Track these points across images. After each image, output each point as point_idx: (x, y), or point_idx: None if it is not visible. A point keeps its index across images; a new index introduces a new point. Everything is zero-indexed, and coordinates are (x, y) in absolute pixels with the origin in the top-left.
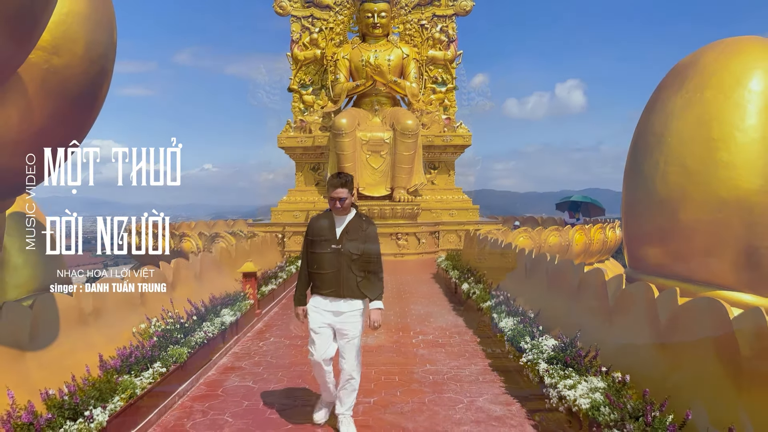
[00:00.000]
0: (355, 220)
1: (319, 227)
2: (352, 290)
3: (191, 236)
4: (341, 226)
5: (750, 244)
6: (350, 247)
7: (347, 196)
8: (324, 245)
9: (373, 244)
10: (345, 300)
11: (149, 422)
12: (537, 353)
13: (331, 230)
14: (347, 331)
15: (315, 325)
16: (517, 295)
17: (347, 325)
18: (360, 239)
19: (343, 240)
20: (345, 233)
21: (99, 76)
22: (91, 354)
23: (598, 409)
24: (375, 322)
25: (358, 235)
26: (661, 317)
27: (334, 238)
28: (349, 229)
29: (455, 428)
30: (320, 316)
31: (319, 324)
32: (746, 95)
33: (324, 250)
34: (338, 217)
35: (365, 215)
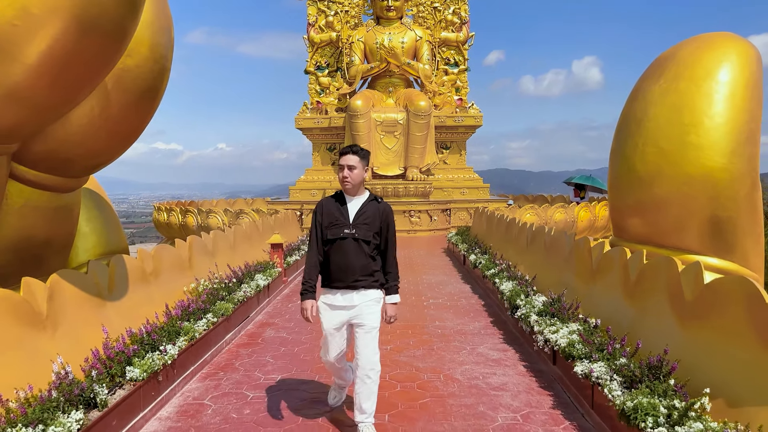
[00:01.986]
0: (369, 201)
1: (329, 210)
2: (366, 281)
3: (217, 213)
4: (355, 208)
5: (713, 215)
6: (366, 231)
7: (357, 165)
8: (335, 230)
9: (391, 227)
10: (358, 292)
11: (205, 361)
12: (529, 308)
13: (343, 213)
14: (365, 322)
15: (329, 325)
16: (519, 263)
17: (364, 316)
18: (376, 222)
19: (358, 223)
20: (359, 215)
21: (161, 73)
22: (153, 306)
23: (573, 346)
24: (391, 318)
25: (374, 217)
26: (631, 275)
27: (347, 222)
28: (364, 212)
29: (458, 367)
30: (333, 316)
31: (333, 325)
32: (714, 86)
33: (336, 235)
34: (350, 199)
35: (380, 197)
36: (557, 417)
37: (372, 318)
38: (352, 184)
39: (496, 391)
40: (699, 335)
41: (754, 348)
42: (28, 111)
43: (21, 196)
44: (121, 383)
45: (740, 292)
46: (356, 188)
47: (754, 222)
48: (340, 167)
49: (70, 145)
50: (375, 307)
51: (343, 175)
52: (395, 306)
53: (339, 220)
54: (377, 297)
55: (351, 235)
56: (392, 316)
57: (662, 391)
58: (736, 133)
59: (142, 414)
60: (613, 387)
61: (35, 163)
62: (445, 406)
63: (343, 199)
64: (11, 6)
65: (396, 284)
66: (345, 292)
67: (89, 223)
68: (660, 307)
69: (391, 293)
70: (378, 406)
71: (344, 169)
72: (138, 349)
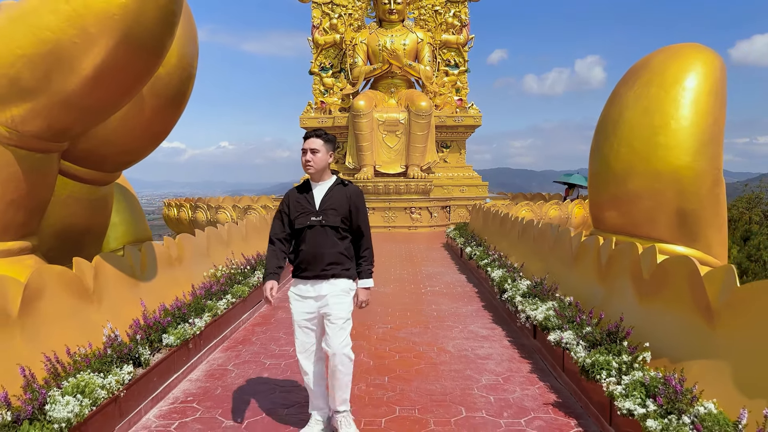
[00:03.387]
0: (336, 186)
1: (295, 199)
2: (336, 269)
3: (226, 208)
4: (320, 194)
5: (680, 207)
6: (333, 216)
7: (320, 148)
8: (303, 218)
9: (360, 211)
10: (328, 281)
11: (225, 336)
12: (515, 291)
13: (309, 200)
14: (332, 313)
15: (298, 316)
16: (510, 254)
17: (332, 307)
18: (344, 207)
19: (326, 209)
20: (326, 201)
21: (188, 79)
22: (178, 288)
23: (548, 320)
24: (363, 302)
25: (341, 202)
26: (602, 259)
27: (314, 209)
28: (331, 197)
29: (450, 341)
30: (303, 306)
31: (302, 315)
32: (681, 92)
33: (303, 223)
34: (315, 184)
35: (348, 181)
36: (533, 379)
37: (340, 308)
38: (315, 169)
39: (482, 360)
40: (652, 307)
41: (693, 314)
42: (80, 115)
43: (65, 188)
44: (159, 348)
45: (684, 270)
46: (320, 173)
47: (717, 214)
48: (303, 151)
49: (108, 143)
50: (344, 298)
51: (305, 159)
52: (367, 291)
53: (306, 208)
54: (347, 287)
55: (318, 222)
56: (364, 300)
57: (617, 351)
58: (700, 135)
59: (176, 375)
60: (578, 350)
61: (78, 160)
62: (437, 371)
63: (309, 187)
64: (73, 26)
65: (370, 269)
66: (315, 282)
67: (118, 214)
68: (624, 285)
69: (364, 277)
70: (378, 371)
71: (306, 152)
72: (171, 320)
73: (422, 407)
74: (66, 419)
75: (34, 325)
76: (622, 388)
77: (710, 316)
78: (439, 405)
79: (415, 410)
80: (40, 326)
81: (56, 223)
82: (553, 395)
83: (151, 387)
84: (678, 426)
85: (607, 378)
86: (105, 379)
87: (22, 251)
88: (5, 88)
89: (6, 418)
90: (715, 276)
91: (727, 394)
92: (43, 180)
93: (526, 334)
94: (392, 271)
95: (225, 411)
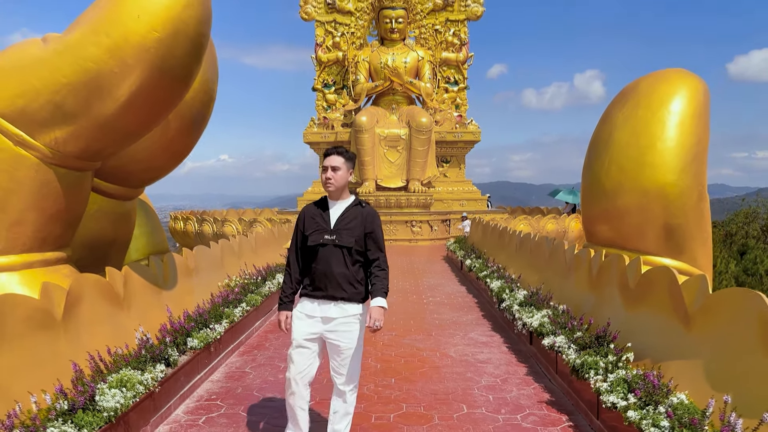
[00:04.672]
0: (353, 207)
1: (311, 216)
2: (347, 292)
3: (231, 221)
4: (337, 213)
5: (666, 222)
6: (348, 236)
7: (342, 166)
8: (316, 236)
9: (376, 232)
10: (336, 303)
11: (241, 342)
12: (512, 300)
13: (324, 218)
14: (340, 342)
15: (298, 335)
16: (509, 266)
17: (340, 334)
18: (358, 228)
19: (340, 229)
20: (341, 221)
21: (209, 102)
22: (195, 296)
23: (543, 326)
24: (376, 321)
25: (356, 222)
26: (593, 270)
27: (329, 228)
28: (346, 216)
29: (452, 347)
30: (306, 325)
31: (303, 335)
32: (667, 114)
33: (316, 241)
34: (333, 203)
35: (365, 201)
36: (529, 380)
37: (350, 337)
38: (335, 186)
39: (482, 363)
40: (637, 312)
41: (672, 318)
42: (115, 136)
43: (95, 203)
44: (184, 350)
45: (664, 279)
46: (340, 191)
47: (701, 228)
48: (323, 168)
49: (136, 161)
50: (354, 325)
51: (326, 176)
52: (382, 311)
53: (320, 225)
54: (358, 313)
55: (331, 241)
56: (377, 319)
57: (604, 353)
58: (684, 154)
59: (199, 376)
60: (570, 352)
61: (107, 176)
62: (440, 373)
63: (325, 204)
64: (113, 58)
65: (384, 289)
66: (323, 302)
67: (139, 227)
68: (612, 293)
69: (378, 296)
70: (385, 373)
71: (327, 170)
72: (194, 326)
73: (427, 405)
74: (114, 408)
75: (75, 327)
76: (608, 384)
77: (687, 319)
78: (443, 403)
79: (420, 407)
80: (79, 328)
81: (86, 234)
82: (546, 394)
83: (179, 385)
84: (654, 415)
85: (595, 376)
86: (143, 376)
87: (59, 261)
88: (50, 112)
89: (63, 407)
90: (691, 284)
91: (700, 387)
92: (78, 195)
93: (523, 341)
94: (395, 282)
95: (246, 408)
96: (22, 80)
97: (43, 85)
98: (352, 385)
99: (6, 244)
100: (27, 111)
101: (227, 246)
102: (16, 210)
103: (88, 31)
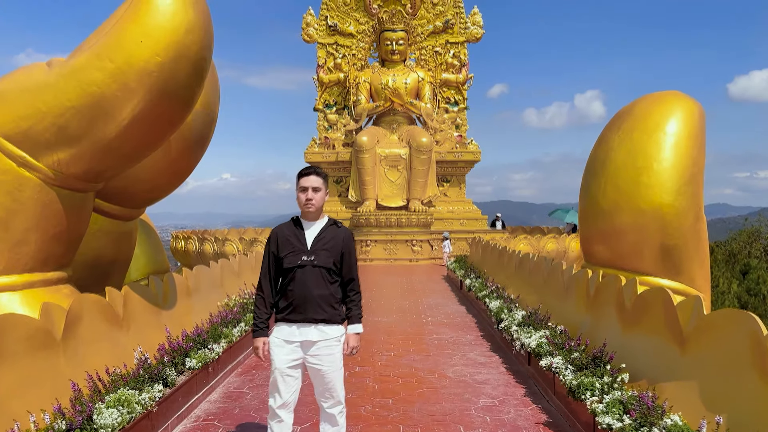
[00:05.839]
0: (328, 226)
1: (285, 237)
2: (327, 313)
3: (232, 240)
4: (313, 233)
5: (663, 242)
6: (326, 257)
7: (321, 186)
8: (292, 258)
9: (353, 254)
10: (317, 326)
11: (239, 362)
12: (511, 320)
13: (300, 239)
14: (322, 366)
15: (281, 364)
16: (508, 286)
17: (322, 358)
18: (336, 248)
19: (317, 249)
20: (318, 241)
21: (211, 123)
22: (195, 316)
23: (541, 346)
24: (354, 349)
25: (334, 243)
26: (590, 290)
27: (305, 248)
28: (323, 236)
29: (450, 368)
30: (286, 352)
31: (285, 362)
32: (663, 136)
33: (293, 263)
34: (308, 223)
35: (340, 222)
36: (527, 401)
37: (332, 360)
38: (315, 207)
39: (480, 384)
40: (633, 333)
41: (667, 339)
42: (117, 158)
43: (96, 223)
44: (182, 370)
45: (660, 300)
46: (318, 212)
47: (699, 249)
48: (302, 189)
49: (138, 182)
50: (336, 348)
51: (306, 197)
52: (358, 337)
53: (296, 246)
54: (338, 335)
55: (310, 262)
56: (354, 347)
57: (600, 373)
58: (680, 176)
59: (197, 396)
60: (567, 373)
61: (109, 197)
62: (438, 394)
63: (300, 225)
64: (116, 82)
65: (359, 313)
66: (302, 326)
67: (140, 246)
68: (609, 314)
69: (354, 322)
70: (383, 394)
71: (308, 191)
72: (192, 345)
73: (424, 426)
74: (111, 427)
75: (74, 346)
76: (604, 405)
77: (681, 340)
78: (440, 424)
79: (417, 429)
80: (79, 347)
81: (87, 254)
82: (544, 416)
83: (176, 405)
84: None
85: (591, 397)
86: (140, 395)
87: (59, 281)
88: (54, 135)
89: (61, 427)
90: (686, 305)
91: (694, 408)
92: (80, 216)
93: (521, 361)
94: (394, 302)
95: (244, 428)
96: (26, 103)
97: (48, 108)
98: (340, 407)
99: (8, 264)
100: (31, 133)
101: (227, 265)
102: (19, 230)
103: (92, 55)
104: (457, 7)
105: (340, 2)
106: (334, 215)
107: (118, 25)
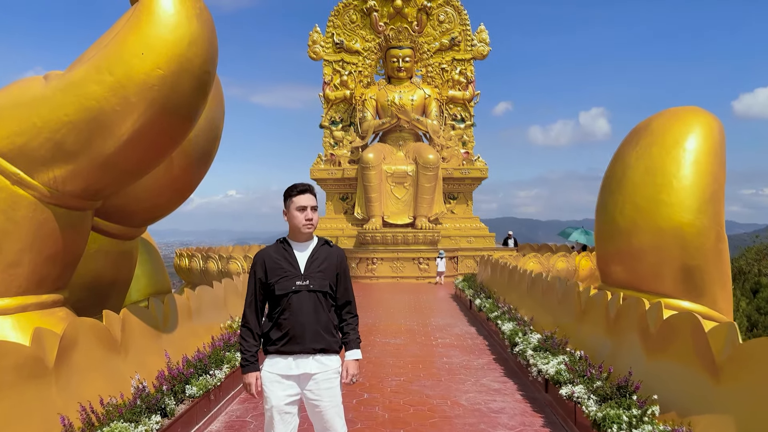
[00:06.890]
0: (321, 246)
1: (274, 261)
2: (326, 341)
3: (237, 258)
4: (305, 255)
5: (684, 263)
6: (321, 280)
7: (316, 205)
8: (285, 283)
9: (348, 274)
10: (315, 357)
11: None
12: (526, 344)
13: (291, 262)
14: (322, 401)
15: (277, 401)
16: (520, 307)
17: (322, 392)
18: (330, 269)
19: (312, 272)
20: (312, 263)
21: (215, 139)
22: (197, 338)
23: (560, 374)
24: (353, 377)
25: (328, 263)
26: (610, 313)
27: (298, 272)
28: (317, 258)
29: (463, 395)
30: (283, 389)
31: (283, 400)
32: (682, 152)
33: (286, 289)
34: (299, 245)
35: (331, 241)
36: None
37: (332, 394)
38: (314, 227)
39: (495, 413)
40: (659, 361)
41: (698, 369)
42: (116, 175)
43: (95, 242)
44: (182, 398)
45: (688, 326)
46: (310, 234)
47: (721, 270)
48: (300, 208)
49: (138, 200)
50: (335, 381)
51: (306, 216)
52: (357, 363)
53: (288, 270)
54: (337, 366)
55: (305, 287)
56: (354, 375)
57: (627, 405)
58: (701, 193)
59: (197, 426)
60: (590, 404)
61: (109, 215)
62: (451, 424)
63: (289, 247)
64: (116, 96)
65: (358, 338)
66: (299, 357)
67: (141, 266)
68: (632, 339)
69: (352, 348)
70: (393, 424)
71: (307, 210)
72: (193, 372)
73: None
74: None
75: (68, 375)
76: None
77: (714, 371)
78: None
79: None
80: (72, 376)
81: (86, 275)
82: None
83: None
84: None
85: (619, 431)
86: (136, 429)
87: (55, 303)
88: (50, 151)
89: None
90: (718, 332)
91: None
92: (77, 236)
93: (538, 388)
94: (402, 321)
95: None
96: (21, 118)
97: (44, 123)
98: None
99: (0, 287)
100: (26, 149)
101: (230, 285)
102: (12, 251)
103: (90, 68)
104: (464, 25)
105: (347, 20)
106: (340, 232)
107: (118, 36)
